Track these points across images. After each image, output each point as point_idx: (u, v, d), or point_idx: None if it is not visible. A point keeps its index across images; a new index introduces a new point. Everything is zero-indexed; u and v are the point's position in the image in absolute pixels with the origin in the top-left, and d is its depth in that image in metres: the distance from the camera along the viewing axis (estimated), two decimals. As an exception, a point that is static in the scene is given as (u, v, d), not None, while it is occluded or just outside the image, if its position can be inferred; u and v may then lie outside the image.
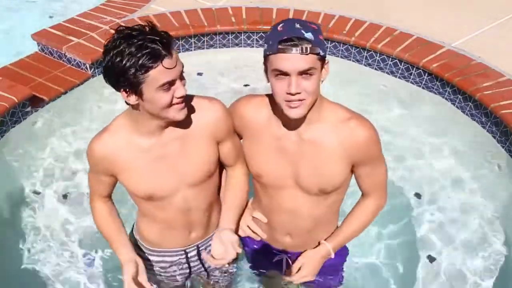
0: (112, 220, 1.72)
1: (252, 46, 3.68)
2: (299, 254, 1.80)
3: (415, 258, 2.48)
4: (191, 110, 1.52)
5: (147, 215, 1.69)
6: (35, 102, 3.00)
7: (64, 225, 2.59)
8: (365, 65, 3.52)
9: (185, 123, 1.51)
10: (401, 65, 3.36)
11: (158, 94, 1.35)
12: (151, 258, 1.80)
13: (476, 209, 2.68)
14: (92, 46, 3.29)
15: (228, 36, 3.64)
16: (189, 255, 1.81)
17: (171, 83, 1.36)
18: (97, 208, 1.73)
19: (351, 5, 3.82)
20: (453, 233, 2.58)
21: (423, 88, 3.31)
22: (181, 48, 3.54)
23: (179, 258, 1.80)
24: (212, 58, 3.63)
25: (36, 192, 2.74)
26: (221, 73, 3.54)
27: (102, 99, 3.24)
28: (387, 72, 3.45)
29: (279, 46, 1.32)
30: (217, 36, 3.62)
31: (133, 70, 1.30)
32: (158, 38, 1.31)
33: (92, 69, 3.27)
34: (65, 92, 3.14)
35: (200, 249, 1.81)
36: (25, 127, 2.95)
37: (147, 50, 1.29)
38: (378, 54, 3.42)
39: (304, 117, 1.47)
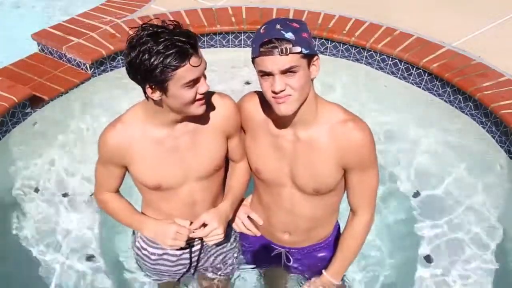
0: (125, 201, 1.75)
1: (252, 46, 3.68)
2: (298, 249, 1.83)
3: (413, 258, 2.48)
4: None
5: (152, 206, 1.71)
6: (35, 102, 3.00)
7: (64, 225, 2.59)
8: (365, 65, 3.52)
9: (197, 118, 1.54)
10: (401, 65, 3.36)
11: (183, 91, 1.39)
12: (154, 251, 1.81)
13: (476, 209, 2.68)
14: (92, 46, 3.29)
15: (228, 36, 3.64)
16: (192, 249, 1.83)
17: (195, 81, 1.39)
18: (105, 197, 1.74)
19: (351, 5, 3.82)
20: (452, 233, 2.58)
21: (423, 88, 3.31)
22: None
23: (183, 252, 1.82)
24: (212, 58, 3.61)
25: (36, 192, 2.73)
26: (221, 73, 3.53)
27: (102, 99, 3.24)
28: (387, 72, 3.45)
29: (261, 49, 1.35)
30: (217, 36, 3.62)
31: (160, 68, 1.32)
32: (185, 37, 1.33)
33: (92, 69, 3.26)
34: (65, 92, 3.14)
35: (205, 243, 1.83)
36: (25, 127, 2.95)
37: (175, 49, 1.31)
38: (378, 54, 3.42)
39: (300, 117, 1.48)
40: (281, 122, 1.54)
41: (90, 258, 2.45)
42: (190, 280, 2.17)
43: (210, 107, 1.56)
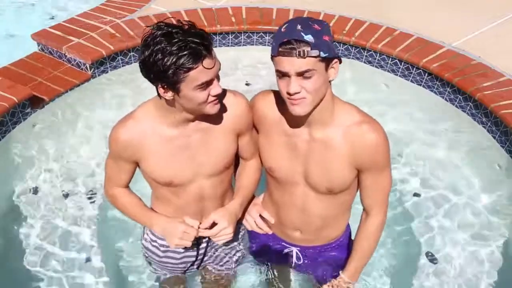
0: (135, 197, 1.77)
1: (252, 45, 3.68)
2: (309, 247, 1.85)
3: (414, 258, 2.49)
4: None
5: (162, 200, 1.74)
6: (35, 102, 3.00)
7: (64, 225, 2.59)
8: (365, 63, 3.51)
9: (209, 116, 1.54)
10: (401, 65, 3.36)
11: (195, 92, 1.39)
12: (163, 242, 1.84)
13: (476, 209, 2.68)
14: (92, 46, 3.29)
15: (228, 36, 3.64)
16: (199, 241, 1.86)
17: (208, 83, 1.39)
18: (116, 193, 1.75)
19: (351, 5, 3.82)
20: (453, 233, 2.59)
21: (423, 87, 3.31)
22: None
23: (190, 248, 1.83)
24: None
25: (36, 192, 2.73)
26: (220, 74, 3.53)
27: (102, 99, 3.24)
28: (387, 71, 3.45)
29: (279, 49, 1.35)
30: (217, 36, 3.61)
31: (173, 70, 1.32)
32: (199, 38, 1.32)
33: (92, 69, 3.26)
34: (65, 92, 3.13)
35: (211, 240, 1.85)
36: (25, 127, 2.95)
37: (189, 50, 1.31)
38: (378, 54, 3.42)
39: (315, 117, 1.49)
40: (296, 121, 1.55)
41: (90, 258, 2.45)
42: (195, 276, 2.18)
43: (222, 105, 1.56)
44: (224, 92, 1.57)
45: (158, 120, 1.54)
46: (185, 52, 1.31)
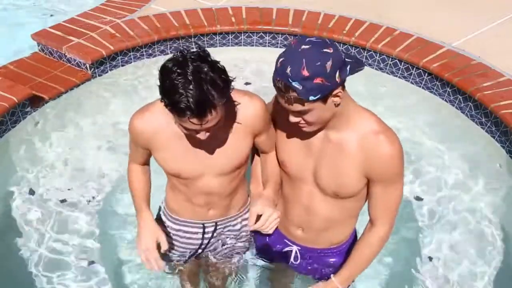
0: (144, 180, 1.86)
1: (252, 45, 3.68)
2: (309, 248, 1.85)
3: (414, 258, 2.48)
4: (231, 105, 1.57)
5: (173, 188, 1.81)
6: (35, 102, 3.00)
7: (63, 225, 2.59)
8: (365, 65, 3.51)
9: (225, 118, 1.54)
10: (401, 65, 3.36)
11: (181, 127, 1.44)
12: (172, 225, 1.92)
13: (476, 209, 2.68)
14: (92, 46, 3.29)
15: (228, 36, 3.64)
16: (206, 230, 1.89)
17: (194, 131, 1.42)
18: (132, 168, 1.85)
19: (351, 5, 3.82)
20: (453, 233, 2.58)
21: (423, 88, 3.31)
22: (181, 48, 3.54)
23: (196, 231, 1.90)
24: (212, 58, 3.62)
25: (35, 193, 2.73)
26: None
27: (102, 99, 3.24)
28: (387, 72, 3.45)
29: (273, 83, 1.36)
30: (217, 36, 3.62)
31: (165, 102, 1.36)
32: (203, 98, 1.30)
33: (92, 69, 3.27)
34: (65, 92, 3.14)
35: (218, 227, 1.89)
36: (25, 127, 2.95)
37: (183, 103, 1.30)
38: (378, 54, 3.42)
39: (329, 125, 1.49)
40: None
41: (91, 260, 2.44)
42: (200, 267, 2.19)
43: (238, 107, 1.57)
44: (239, 93, 1.58)
45: (171, 117, 1.54)
46: (178, 104, 1.30)
